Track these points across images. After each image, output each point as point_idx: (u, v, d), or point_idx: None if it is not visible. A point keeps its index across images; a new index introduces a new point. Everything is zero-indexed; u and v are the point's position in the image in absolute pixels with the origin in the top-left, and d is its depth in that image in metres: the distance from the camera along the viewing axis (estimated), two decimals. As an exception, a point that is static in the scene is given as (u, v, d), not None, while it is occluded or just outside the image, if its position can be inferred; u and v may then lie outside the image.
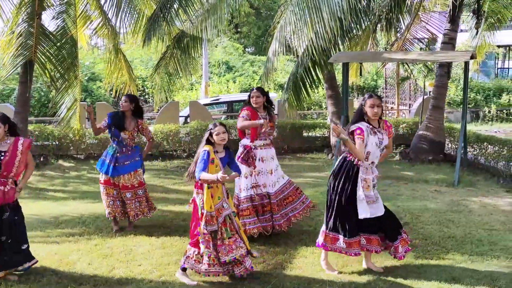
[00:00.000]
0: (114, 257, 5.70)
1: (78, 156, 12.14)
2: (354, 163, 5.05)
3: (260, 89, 6.41)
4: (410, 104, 18.12)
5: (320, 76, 10.16)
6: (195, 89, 23.94)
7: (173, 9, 10.30)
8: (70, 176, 10.66)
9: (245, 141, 6.33)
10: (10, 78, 16.11)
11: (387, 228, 5.18)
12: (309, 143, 13.25)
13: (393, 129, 5.21)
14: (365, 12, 9.43)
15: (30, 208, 7.94)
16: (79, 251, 5.91)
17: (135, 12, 11.46)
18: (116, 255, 5.78)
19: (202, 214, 4.87)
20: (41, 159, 11.94)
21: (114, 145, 6.69)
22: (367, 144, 4.94)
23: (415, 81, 17.47)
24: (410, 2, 10.50)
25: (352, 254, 5.16)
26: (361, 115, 5.04)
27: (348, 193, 5.05)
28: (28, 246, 5.24)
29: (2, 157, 4.98)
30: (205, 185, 4.87)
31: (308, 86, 9.74)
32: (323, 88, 13.82)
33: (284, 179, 6.49)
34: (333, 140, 12.11)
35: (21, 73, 11.34)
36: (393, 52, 12.31)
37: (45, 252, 5.84)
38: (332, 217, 5.15)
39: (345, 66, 10.97)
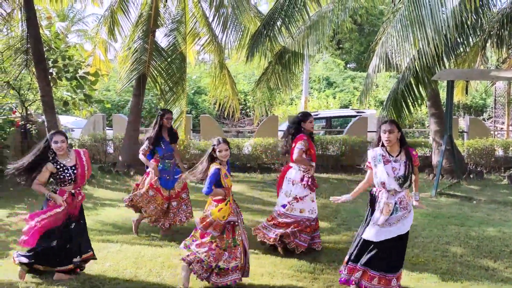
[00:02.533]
0: (211, 263, 5.95)
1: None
2: (376, 194, 4.92)
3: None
4: (522, 125, 16.99)
5: (423, 93, 9.86)
6: (295, 104, 24.23)
7: (276, 26, 10.56)
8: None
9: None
10: (124, 90, 17.44)
11: (392, 256, 4.85)
12: (410, 162, 12.87)
13: (417, 158, 4.90)
14: (473, 28, 9.05)
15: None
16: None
17: (240, 29, 11.96)
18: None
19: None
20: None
21: (166, 161, 7.16)
22: (377, 174, 4.82)
23: (529, 100, 16.38)
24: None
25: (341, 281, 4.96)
26: (379, 140, 4.91)
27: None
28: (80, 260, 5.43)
29: (75, 171, 5.27)
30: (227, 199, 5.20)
31: (410, 103, 9.50)
32: (426, 106, 13.41)
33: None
34: (434, 160, 11.71)
35: (134, 86, 12.29)
36: (503, 70, 11.69)
37: (150, 254, 6.28)
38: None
39: (450, 84, 10.62)
